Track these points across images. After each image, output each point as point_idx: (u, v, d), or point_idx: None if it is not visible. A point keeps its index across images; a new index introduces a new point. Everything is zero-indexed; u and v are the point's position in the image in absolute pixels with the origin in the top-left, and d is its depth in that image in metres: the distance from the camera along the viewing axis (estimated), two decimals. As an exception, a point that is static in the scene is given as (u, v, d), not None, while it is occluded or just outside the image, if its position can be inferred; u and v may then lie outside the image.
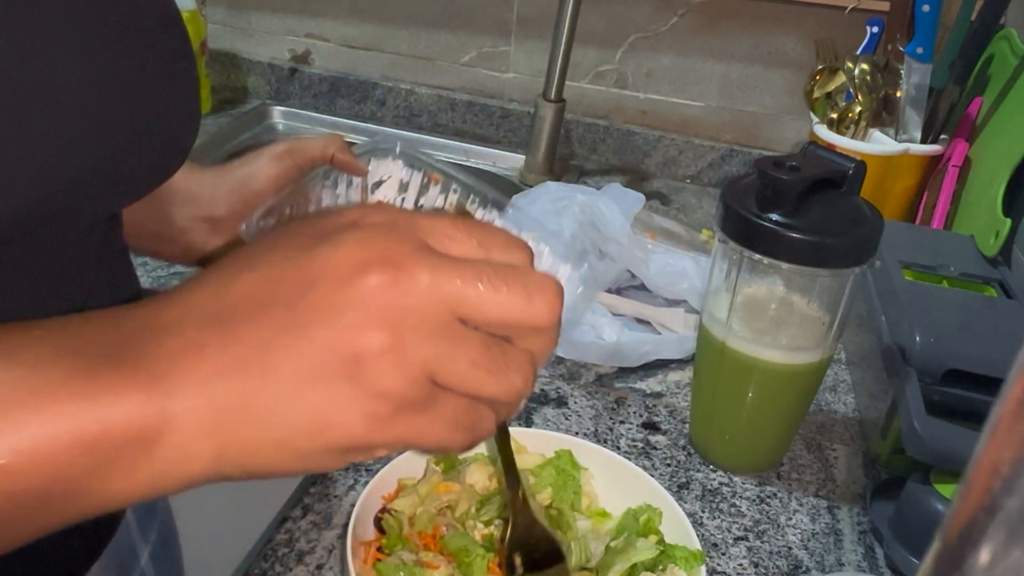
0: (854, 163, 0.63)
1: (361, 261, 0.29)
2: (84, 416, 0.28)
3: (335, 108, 1.44)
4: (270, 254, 0.31)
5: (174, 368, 0.29)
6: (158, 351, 0.29)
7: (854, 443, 0.78)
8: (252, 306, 0.30)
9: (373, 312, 0.29)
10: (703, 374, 0.73)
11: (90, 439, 0.28)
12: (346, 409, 0.29)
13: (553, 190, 1.00)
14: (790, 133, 1.29)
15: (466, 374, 0.31)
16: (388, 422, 0.30)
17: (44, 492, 0.28)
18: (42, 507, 0.29)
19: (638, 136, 1.33)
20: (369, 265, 0.29)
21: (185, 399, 0.29)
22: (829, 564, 0.65)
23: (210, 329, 0.30)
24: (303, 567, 0.59)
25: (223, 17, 1.44)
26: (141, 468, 0.29)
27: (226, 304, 0.30)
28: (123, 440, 0.28)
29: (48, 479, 0.28)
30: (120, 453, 0.29)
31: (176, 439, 0.29)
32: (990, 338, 0.69)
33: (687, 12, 1.25)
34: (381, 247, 0.30)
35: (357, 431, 0.30)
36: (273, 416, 0.30)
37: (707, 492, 0.71)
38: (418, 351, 0.29)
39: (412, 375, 0.30)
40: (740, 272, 0.66)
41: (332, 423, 0.30)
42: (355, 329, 0.29)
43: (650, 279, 0.92)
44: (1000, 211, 0.83)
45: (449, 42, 1.37)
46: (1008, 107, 0.95)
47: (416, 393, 0.30)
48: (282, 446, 0.30)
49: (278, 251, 0.31)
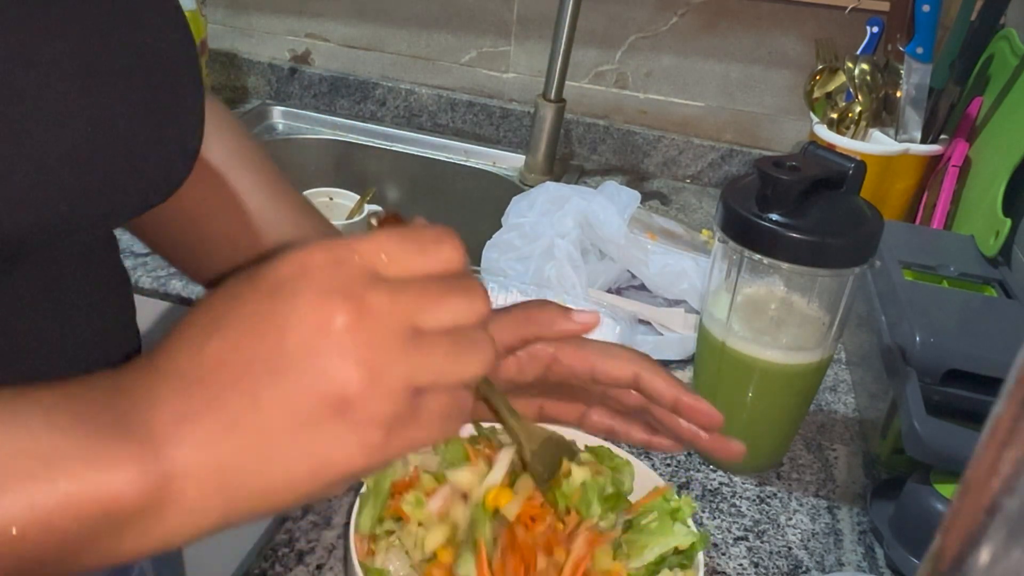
0: (854, 163, 0.63)
1: (322, 307, 0.31)
2: (96, 485, 0.29)
3: (335, 108, 1.44)
4: (230, 315, 0.32)
5: (173, 438, 0.31)
6: (153, 422, 0.31)
7: (854, 443, 0.78)
8: (229, 370, 0.31)
9: (348, 351, 0.31)
10: (703, 374, 0.73)
11: (102, 507, 0.30)
12: (343, 445, 0.31)
13: (552, 190, 1.01)
14: (790, 133, 1.29)
15: (442, 369, 0.32)
16: (384, 445, 0.32)
17: (55, 555, 0.30)
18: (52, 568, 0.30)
19: (638, 136, 1.33)
20: (332, 308, 0.31)
21: (187, 464, 0.30)
22: (829, 564, 0.65)
23: (197, 398, 0.31)
24: (303, 567, 0.59)
25: (223, 17, 1.44)
26: (152, 529, 0.31)
27: (205, 370, 0.32)
28: (133, 508, 0.30)
29: (60, 544, 0.29)
30: (131, 519, 0.30)
31: (184, 501, 0.31)
32: (990, 338, 0.69)
33: (687, 12, 1.25)
34: (336, 288, 0.31)
35: (357, 463, 0.31)
36: (275, 466, 0.31)
37: (707, 492, 0.71)
38: (396, 372, 0.31)
39: (395, 396, 0.31)
40: (740, 272, 0.66)
41: (332, 461, 0.31)
42: (335, 372, 0.30)
43: (650, 279, 0.92)
44: (1000, 211, 0.83)
45: (449, 42, 1.37)
46: (1008, 107, 0.95)
47: (403, 409, 0.31)
48: (287, 490, 0.32)
49: (237, 310, 0.32)
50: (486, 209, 1.17)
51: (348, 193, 1.20)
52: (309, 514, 0.64)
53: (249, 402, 0.31)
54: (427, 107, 1.40)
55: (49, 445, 0.30)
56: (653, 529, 0.53)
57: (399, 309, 0.32)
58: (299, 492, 0.32)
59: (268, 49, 1.45)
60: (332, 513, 0.64)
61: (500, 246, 0.95)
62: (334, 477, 0.32)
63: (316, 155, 1.37)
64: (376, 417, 0.31)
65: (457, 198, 1.33)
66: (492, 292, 0.83)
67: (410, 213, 1.25)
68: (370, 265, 0.32)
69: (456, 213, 1.33)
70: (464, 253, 0.35)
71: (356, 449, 0.31)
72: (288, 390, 0.31)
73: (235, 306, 0.33)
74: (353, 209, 1.18)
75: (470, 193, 1.32)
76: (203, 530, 0.32)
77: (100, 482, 0.29)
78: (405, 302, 0.32)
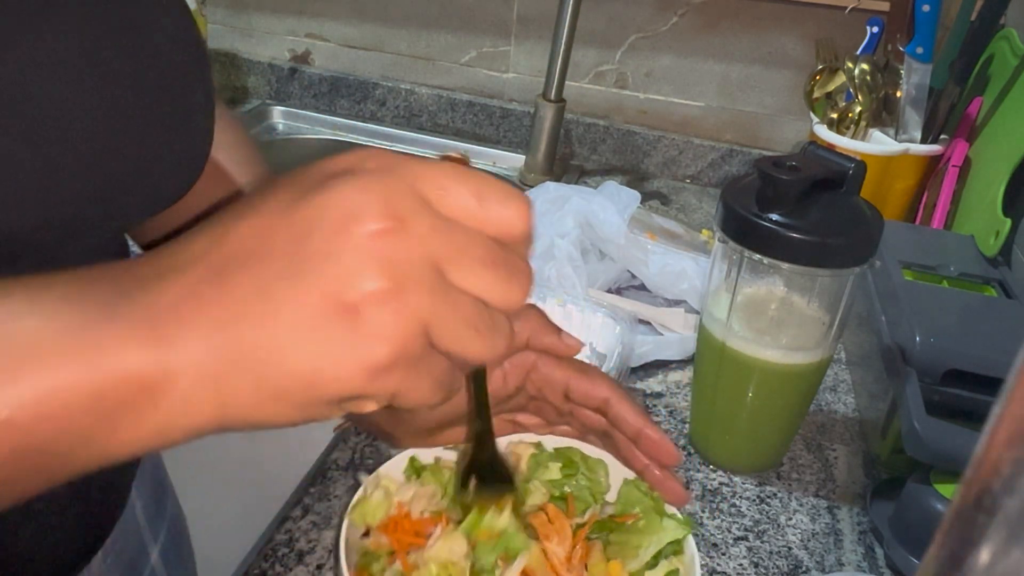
0: (854, 163, 0.63)
1: (356, 209, 0.29)
2: (89, 369, 0.28)
3: (335, 108, 1.44)
4: (265, 203, 0.31)
5: (173, 319, 0.29)
6: (157, 303, 0.29)
7: (854, 443, 0.78)
8: (247, 256, 0.30)
9: (370, 259, 0.29)
10: (703, 374, 0.73)
11: (95, 392, 0.28)
12: (345, 357, 0.29)
13: (552, 190, 1.01)
14: (790, 133, 1.29)
15: (459, 334, 0.30)
16: (384, 373, 0.30)
17: (51, 444, 0.28)
18: (49, 459, 0.29)
19: (638, 136, 1.33)
20: (364, 213, 0.29)
21: (185, 349, 0.29)
22: (829, 564, 0.65)
23: (207, 280, 0.29)
24: (303, 567, 0.59)
25: (223, 17, 1.44)
26: (146, 419, 0.29)
27: (222, 255, 0.30)
28: (127, 392, 0.28)
29: (54, 431, 0.28)
30: (125, 404, 0.29)
31: (179, 389, 0.29)
32: (990, 338, 0.69)
33: (687, 12, 1.25)
34: (376, 195, 0.29)
35: (355, 382, 0.29)
36: (272, 366, 0.29)
37: (707, 492, 0.71)
38: (419, 303, 0.29)
39: (411, 327, 0.29)
40: (740, 272, 0.66)
41: (329, 373, 0.29)
42: (353, 276, 0.28)
43: (650, 279, 0.92)
44: (1000, 211, 0.83)
45: (449, 42, 1.37)
46: (1008, 107, 0.95)
47: (413, 346, 0.30)
48: (281, 398, 0.30)
49: (273, 200, 0.31)
50: (486, 209, 1.17)
51: (348, 193, 1.20)
52: (309, 514, 0.64)
53: (259, 292, 0.29)
54: (427, 107, 1.40)
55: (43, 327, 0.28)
56: (642, 527, 0.53)
57: (436, 245, 0.30)
58: (292, 403, 0.30)
59: (268, 49, 1.46)
60: (332, 513, 0.64)
61: (500, 246, 0.95)
62: (329, 393, 0.30)
63: (316, 155, 1.36)
64: (384, 335, 0.29)
65: (457, 198, 1.33)
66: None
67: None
68: (423, 191, 0.30)
69: (456, 213, 1.33)
70: (530, 223, 0.32)
71: (354, 365, 0.29)
72: (301, 285, 0.29)
73: (272, 194, 0.31)
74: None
75: (470, 193, 1.32)
76: (194, 428, 0.30)
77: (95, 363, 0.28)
78: (443, 243, 0.30)
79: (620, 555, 0.52)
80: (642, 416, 0.52)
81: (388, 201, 0.29)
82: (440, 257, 0.30)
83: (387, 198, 0.29)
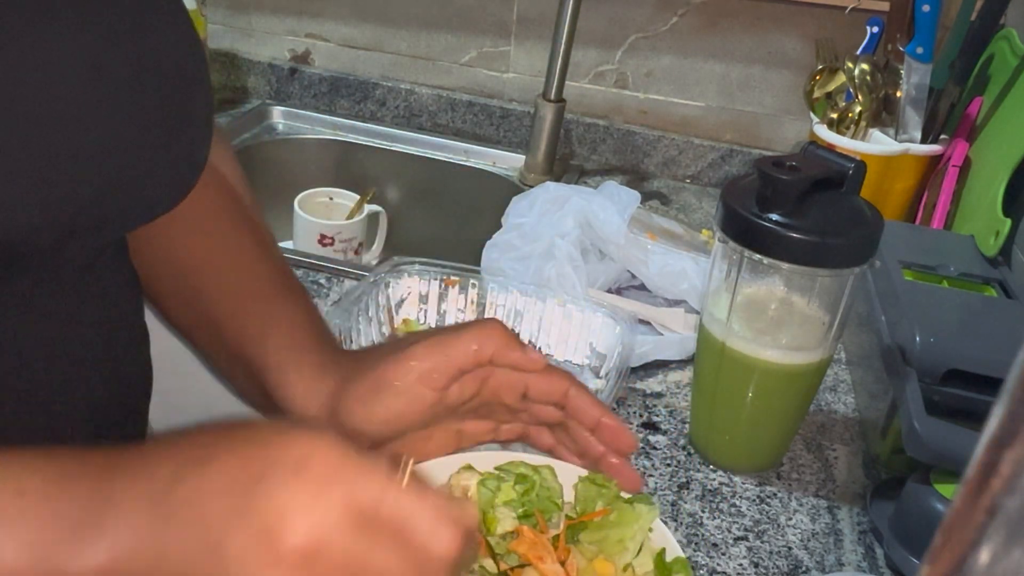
0: (854, 163, 0.63)
1: (282, 522, 0.31)
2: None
3: (335, 108, 1.44)
4: (214, 464, 0.33)
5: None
6: (109, 526, 0.32)
7: (854, 443, 0.78)
8: (183, 522, 0.32)
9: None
10: (703, 374, 0.73)
11: None
12: None
13: (552, 190, 1.01)
14: (790, 133, 1.29)
15: None
16: None
17: None
18: None
19: (638, 136, 1.33)
20: (288, 528, 0.31)
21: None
22: (829, 564, 0.65)
23: (145, 541, 0.32)
24: (303, 567, 0.59)
25: (223, 17, 1.44)
26: None
27: (161, 513, 0.33)
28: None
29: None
30: None
31: None
32: (990, 338, 0.69)
33: (687, 12, 1.25)
34: (304, 512, 0.31)
35: None
36: None
37: (707, 492, 0.71)
38: None
39: None
40: (740, 272, 0.66)
41: None
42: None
43: (650, 279, 0.92)
44: (1000, 211, 0.83)
45: (449, 42, 1.37)
46: (1008, 107, 0.95)
47: None
48: None
49: (217, 477, 0.33)
50: (486, 209, 1.17)
51: (348, 193, 1.20)
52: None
53: (185, 557, 0.32)
54: (427, 107, 1.40)
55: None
56: (616, 520, 0.52)
57: (354, 566, 0.32)
58: None
59: (268, 49, 1.45)
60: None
61: (500, 246, 0.95)
62: None
63: (316, 155, 1.37)
64: None
65: (457, 198, 1.33)
66: (492, 292, 0.83)
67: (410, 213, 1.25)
68: (358, 504, 0.32)
69: (456, 213, 1.33)
70: (453, 551, 0.33)
71: None
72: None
73: (226, 460, 0.33)
74: (353, 209, 1.18)
75: (470, 193, 1.32)
76: None
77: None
78: (357, 570, 0.32)
79: (604, 552, 0.51)
80: (600, 406, 0.52)
81: (313, 521, 0.31)
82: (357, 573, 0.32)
83: (313, 518, 0.31)
